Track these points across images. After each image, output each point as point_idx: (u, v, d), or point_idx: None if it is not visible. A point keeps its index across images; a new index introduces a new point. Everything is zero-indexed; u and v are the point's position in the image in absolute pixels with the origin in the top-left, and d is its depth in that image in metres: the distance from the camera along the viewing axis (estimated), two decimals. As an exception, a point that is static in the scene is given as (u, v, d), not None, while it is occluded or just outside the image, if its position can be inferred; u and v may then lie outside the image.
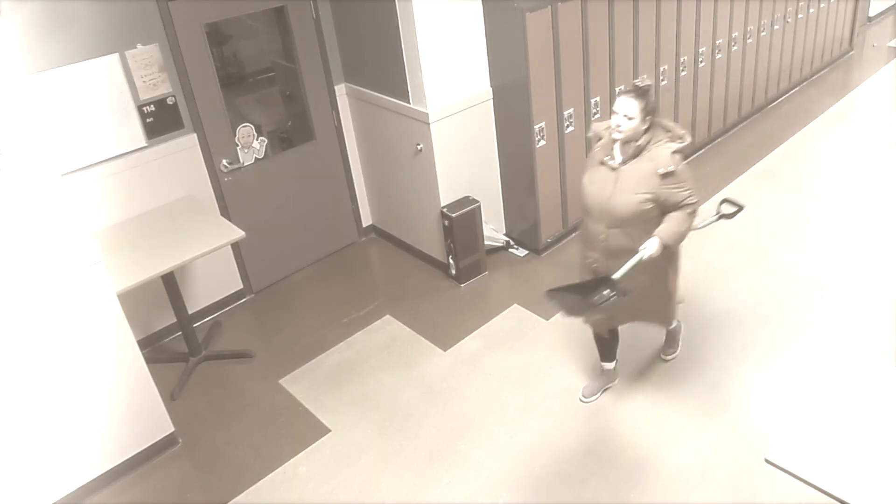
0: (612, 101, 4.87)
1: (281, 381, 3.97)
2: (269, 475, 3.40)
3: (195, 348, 4.14)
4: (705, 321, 4.06)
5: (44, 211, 2.88)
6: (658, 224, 2.97)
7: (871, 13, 8.83)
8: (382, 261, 5.09)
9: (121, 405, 3.36)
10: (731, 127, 6.39)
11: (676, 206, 2.96)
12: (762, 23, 6.23)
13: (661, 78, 5.28)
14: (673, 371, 3.73)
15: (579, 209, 3.29)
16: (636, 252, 2.92)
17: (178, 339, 4.27)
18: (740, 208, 3.59)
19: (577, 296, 2.98)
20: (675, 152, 2.91)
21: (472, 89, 4.41)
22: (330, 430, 3.62)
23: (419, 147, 4.40)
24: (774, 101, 6.93)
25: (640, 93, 2.89)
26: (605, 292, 2.91)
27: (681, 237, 2.99)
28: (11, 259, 2.85)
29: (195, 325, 4.28)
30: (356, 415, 3.70)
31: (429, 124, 4.25)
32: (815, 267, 4.44)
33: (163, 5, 3.81)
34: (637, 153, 2.95)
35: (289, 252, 4.84)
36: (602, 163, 3.04)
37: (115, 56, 3.72)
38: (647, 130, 2.93)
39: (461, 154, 4.48)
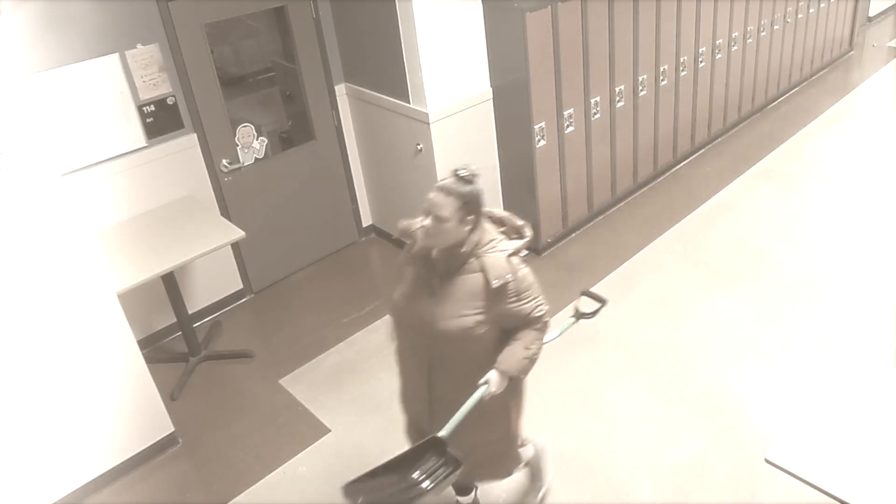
0: (612, 102, 4.92)
1: (281, 381, 3.97)
2: (269, 475, 3.40)
3: (195, 348, 4.14)
4: (706, 321, 4.07)
5: (44, 211, 2.88)
6: (500, 349, 2.30)
7: (871, 13, 8.84)
8: (382, 261, 5.09)
9: (121, 405, 3.36)
10: (731, 127, 6.39)
11: (523, 322, 2.30)
12: (762, 23, 6.23)
13: (662, 78, 5.28)
14: (673, 371, 3.73)
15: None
16: (473, 392, 2.23)
17: (178, 339, 4.27)
18: (603, 303, 2.92)
19: (392, 478, 2.14)
20: (511, 255, 2.26)
21: (471, 89, 4.41)
22: (330, 430, 3.61)
23: (419, 147, 4.40)
24: (774, 101, 6.93)
25: (460, 185, 2.19)
26: (430, 464, 2.14)
27: (530, 363, 2.32)
28: (12, 259, 2.85)
29: (195, 325, 4.28)
30: (356, 415, 3.69)
31: (429, 124, 4.25)
32: (815, 267, 4.44)
33: (163, 5, 3.81)
34: (463, 262, 2.25)
35: (289, 252, 4.84)
36: (419, 275, 2.34)
37: (115, 56, 3.72)
38: (472, 230, 2.24)
39: (461, 154, 4.47)
